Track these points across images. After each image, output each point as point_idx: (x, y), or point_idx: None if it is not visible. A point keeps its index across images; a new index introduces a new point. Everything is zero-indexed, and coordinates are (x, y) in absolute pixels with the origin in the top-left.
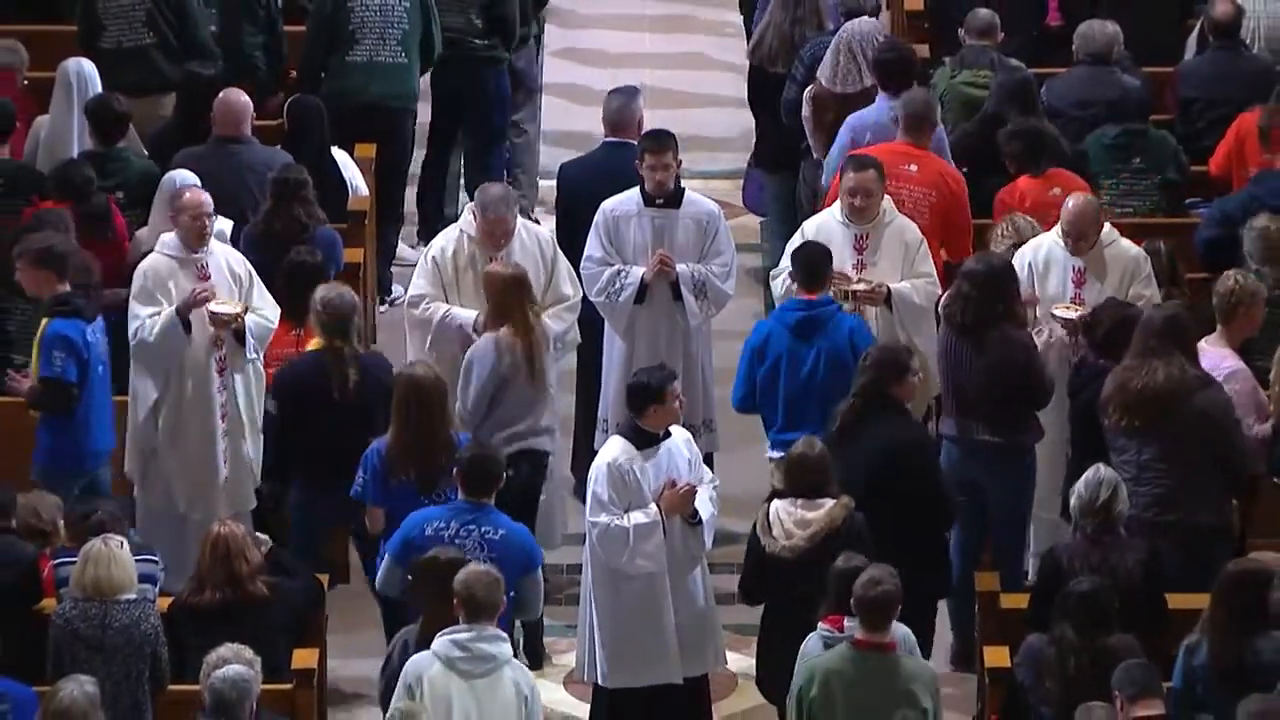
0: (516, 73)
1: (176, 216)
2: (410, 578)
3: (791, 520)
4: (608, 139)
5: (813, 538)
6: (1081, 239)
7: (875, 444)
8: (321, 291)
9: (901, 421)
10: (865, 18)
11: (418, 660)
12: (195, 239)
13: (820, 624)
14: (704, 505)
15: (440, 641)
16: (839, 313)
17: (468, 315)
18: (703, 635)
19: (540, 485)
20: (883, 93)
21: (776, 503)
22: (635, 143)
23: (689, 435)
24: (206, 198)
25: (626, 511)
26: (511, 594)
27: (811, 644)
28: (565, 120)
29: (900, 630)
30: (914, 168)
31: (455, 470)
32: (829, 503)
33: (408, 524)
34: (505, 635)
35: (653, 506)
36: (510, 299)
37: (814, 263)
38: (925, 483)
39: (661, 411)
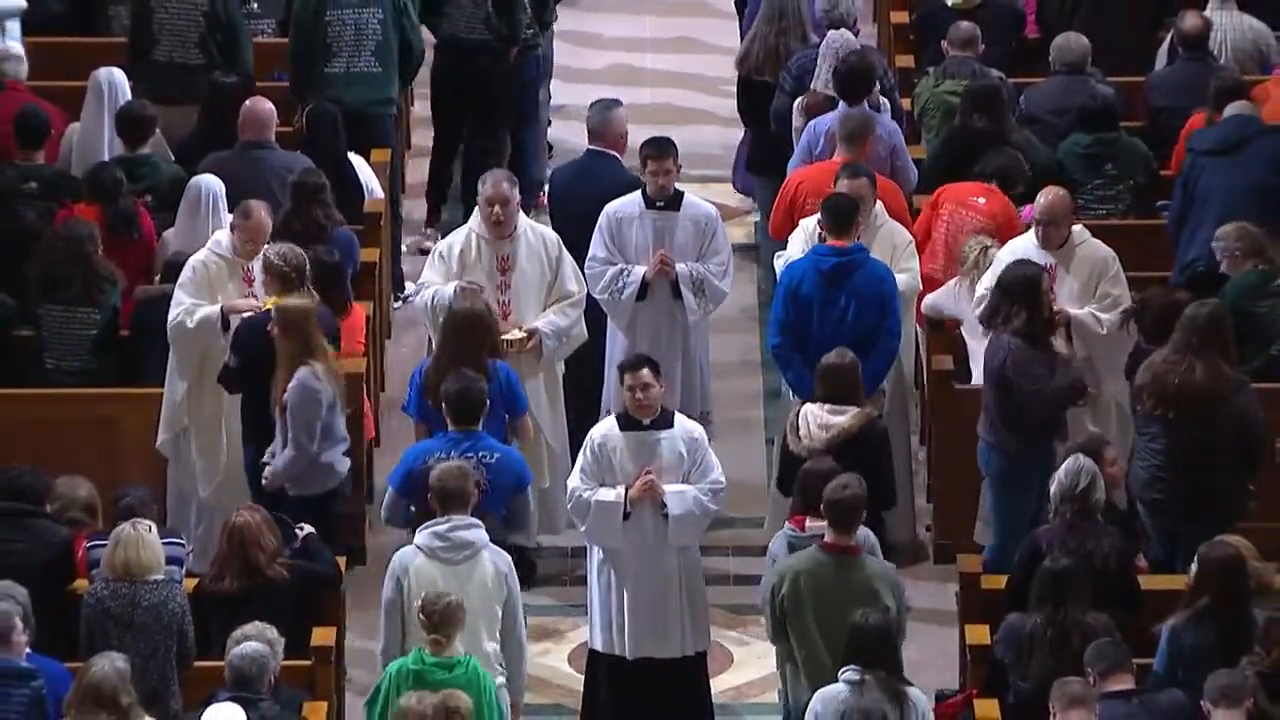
0: (540, 60)
1: (237, 231)
2: (413, 509)
3: (816, 423)
4: (590, 147)
5: (830, 441)
6: (1052, 226)
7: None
8: (276, 248)
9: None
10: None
11: (402, 554)
12: (247, 255)
13: (786, 523)
14: (678, 502)
15: (421, 535)
16: (870, 260)
17: (450, 289)
18: (668, 620)
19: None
20: (842, 103)
21: (808, 406)
22: (614, 153)
23: (698, 433)
24: (268, 227)
25: (600, 486)
26: (503, 511)
27: (776, 543)
28: (565, 100)
29: (863, 533)
30: None
31: (443, 405)
32: (853, 410)
33: (407, 457)
34: (480, 523)
35: (621, 488)
36: (314, 329)
37: (843, 212)
38: None
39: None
